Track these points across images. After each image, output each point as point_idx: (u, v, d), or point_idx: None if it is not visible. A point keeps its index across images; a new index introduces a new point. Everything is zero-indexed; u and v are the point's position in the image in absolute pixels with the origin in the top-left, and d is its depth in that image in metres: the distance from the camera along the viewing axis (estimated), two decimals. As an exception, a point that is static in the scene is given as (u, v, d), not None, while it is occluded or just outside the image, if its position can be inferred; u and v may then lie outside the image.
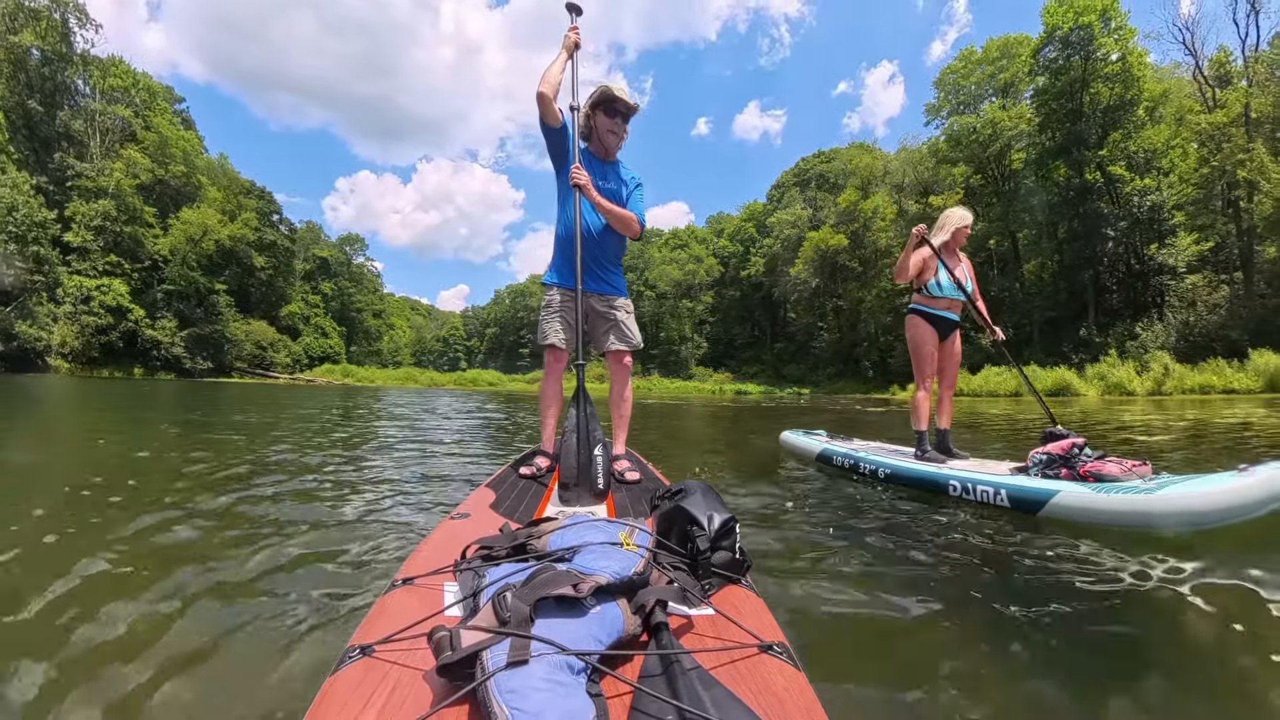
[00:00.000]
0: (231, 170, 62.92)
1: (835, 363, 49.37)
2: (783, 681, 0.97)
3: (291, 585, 2.10)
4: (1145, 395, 19.64)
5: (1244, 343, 20.11)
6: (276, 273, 63.61)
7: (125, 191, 47.08)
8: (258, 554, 2.42)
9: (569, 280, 2.96)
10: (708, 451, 6.82)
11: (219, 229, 53.44)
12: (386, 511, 3.25)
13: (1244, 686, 1.57)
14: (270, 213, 66.19)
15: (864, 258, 46.09)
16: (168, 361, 48.24)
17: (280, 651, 1.62)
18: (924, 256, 4.35)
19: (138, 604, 1.91)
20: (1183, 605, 2.01)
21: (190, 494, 3.58)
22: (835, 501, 3.71)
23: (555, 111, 2.91)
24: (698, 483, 1.58)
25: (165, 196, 52.21)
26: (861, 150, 58.77)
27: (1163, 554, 2.46)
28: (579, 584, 1.02)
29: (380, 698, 0.87)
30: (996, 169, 37.65)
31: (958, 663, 1.64)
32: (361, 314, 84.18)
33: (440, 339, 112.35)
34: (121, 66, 52.38)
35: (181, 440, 6.40)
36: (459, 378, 65.93)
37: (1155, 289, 27.46)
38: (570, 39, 3.03)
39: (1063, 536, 2.75)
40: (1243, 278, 24.88)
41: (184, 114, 60.99)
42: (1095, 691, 1.50)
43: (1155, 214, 27.72)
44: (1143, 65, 28.94)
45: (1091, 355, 25.20)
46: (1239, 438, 6.89)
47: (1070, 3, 29.26)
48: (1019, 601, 2.06)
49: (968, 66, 40.30)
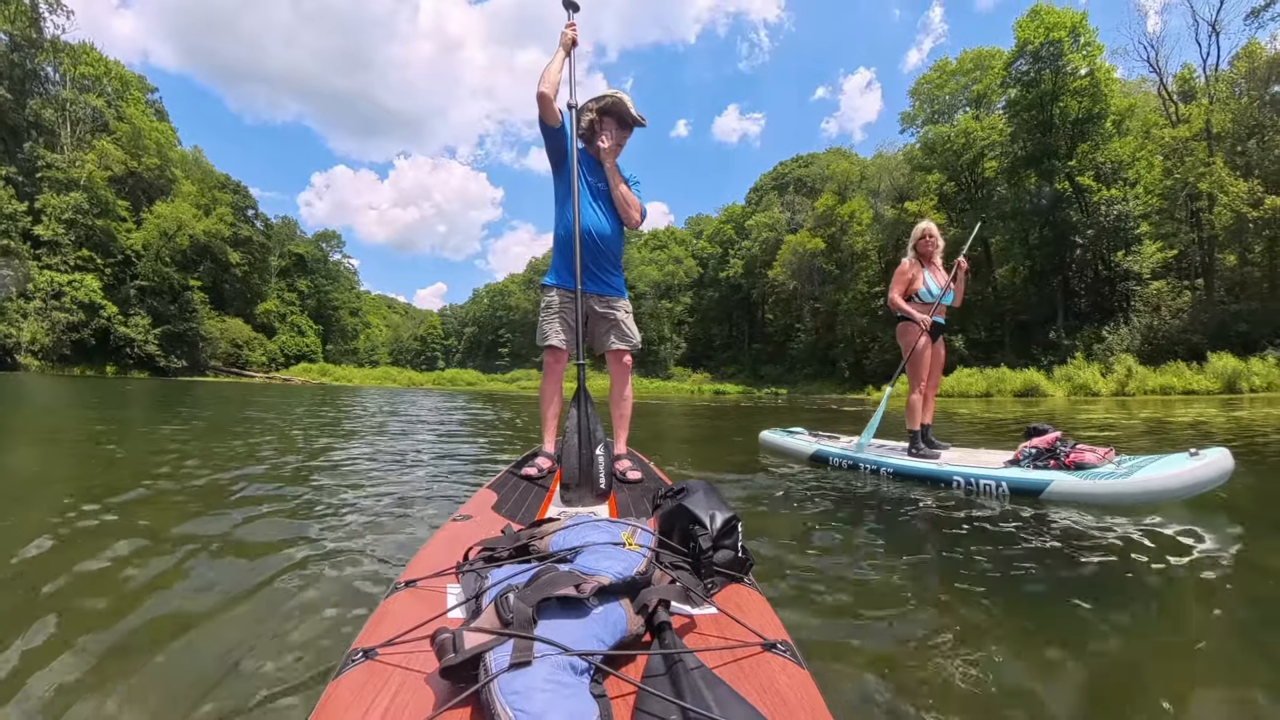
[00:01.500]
0: (206, 163, 61.68)
1: (812, 363, 50.05)
2: (787, 680, 0.98)
3: (293, 588, 2.10)
4: (1109, 395, 20.44)
5: (1204, 346, 21.00)
6: (252, 269, 62.55)
7: (97, 184, 45.91)
8: (259, 558, 2.41)
9: (569, 281, 2.93)
10: (699, 449, 6.91)
11: (193, 224, 52.25)
12: (388, 514, 3.23)
13: (1201, 611, 2.00)
14: (245, 208, 65.03)
15: (841, 261, 46.80)
16: (141, 360, 47.16)
17: (283, 655, 1.62)
18: (908, 265, 4.72)
19: (138, 607, 1.90)
20: (1171, 569, 2.37)
21: (188, 497, 3.53)
22: (830, 496, 3.79)
23: (555, 111, 2.89)
24: (700, 482, 1.58)
25: (138, 189, 51.05)
26: (839, 155, 59.76)
27: (1143, 525, 2.92)
28: (581, 585, 1.03)
29: (384, 701, 0.88)
30: (970, 177, 38.57)
31: (964, 657, 1.65)
32: (338, 312, 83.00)
33: (417, 338, 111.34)
34: (93, 54, 51.00)
35: (173, 440, 6.34)
36: (437, 377, 65.71)
37: (1121, 294, 28.41)
38: (567, 36, 2.99)
39: (1051, 521, 3.08)
40: (1204, 284, 25.93)
41: (157, 104, 59.53)
42: (1113, 691, 1.53)
43: (1122, 223, 28.69)
44: (1110, 80, 29.97)
45: (1060, 357, 26.06)
46: (1186, 434, 7.44)
47: (1041, 19, 30.18)
48: (1024, 594, 2.16)
49: (942, 77, 41.23)
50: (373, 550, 2.54)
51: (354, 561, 2.40)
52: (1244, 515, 3.19)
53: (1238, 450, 3.96)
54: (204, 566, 2.32)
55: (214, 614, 1.88)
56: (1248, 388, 17.74)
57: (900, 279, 4.72)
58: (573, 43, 3.00)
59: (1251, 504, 3.51)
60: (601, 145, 2.91)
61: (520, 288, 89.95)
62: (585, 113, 2.98)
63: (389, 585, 1.46)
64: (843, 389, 40.02)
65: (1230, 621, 1.92)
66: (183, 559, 2.38)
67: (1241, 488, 3.69)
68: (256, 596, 2.03)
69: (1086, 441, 3.97)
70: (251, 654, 1.63)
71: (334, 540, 2.70)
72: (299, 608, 1.93)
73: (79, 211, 44.36)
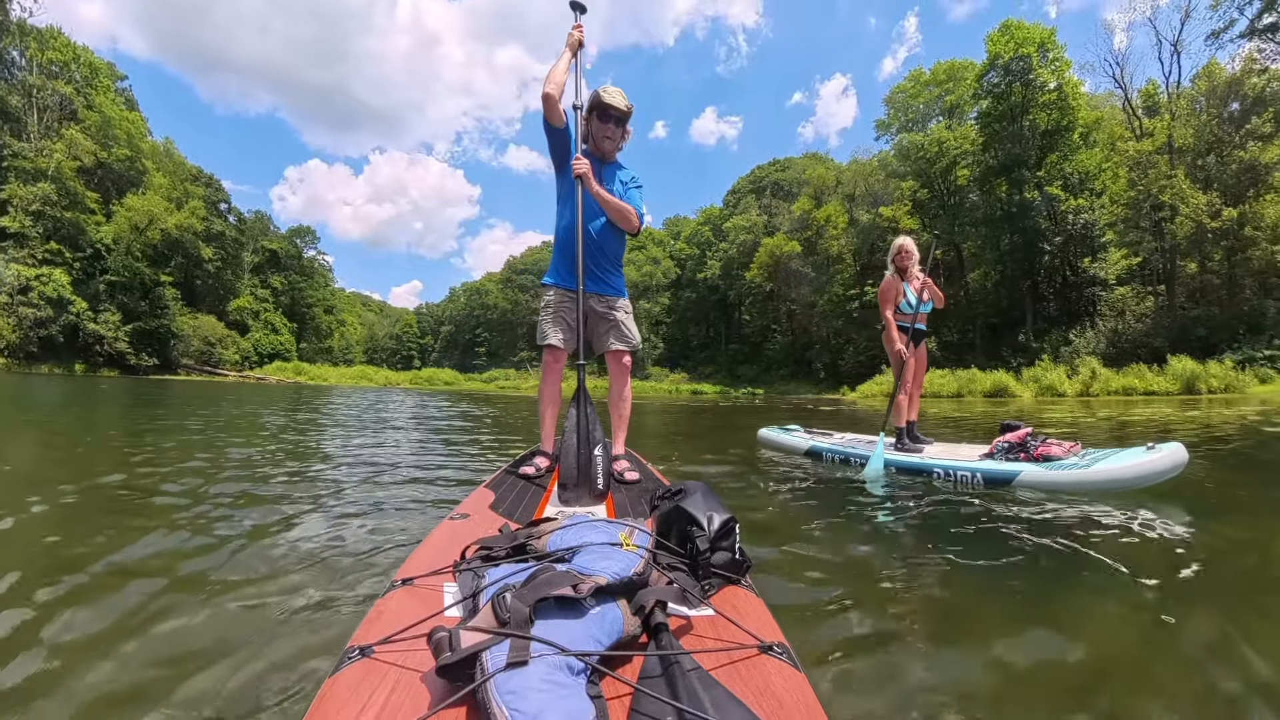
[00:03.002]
0: (178, 155, 60.47)
1: (788, 364, 50.73)
2: (783, 682, 0.98)
3: (289, 586, 2.11)
4: (1074, 396, 21.20)
5: (1165, 349, 21.89)
6: (225, 265, 61.36)
7: (66, 174, 44.41)
8: (254, 555, 2.44)
9: (568, 281, 2.94)
10: (688, 448, 7.04)
11: (165, 217, 50.95)
12: (384, 512, 3.24)
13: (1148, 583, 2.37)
14: (218, 201, 63.89)
15: (817, 264, 47.52)
16: (111, 357, 45.62)
17: (279, 652, 1.63)
18: (890, 280, 5.14)
19: (135, 605, 1.92)
20: (1141, 544, 2.71)
21: (182, 495, 3.55)
22: (825, 496, 3.88)
23: (560, 112, 2.90)
24: (698, 483, 1.58)
25: (108, 181, 49.64)
26: (815, 160, 60.89)
27: (1128, 514, 3.26)
28: (578, 585, 1.03)
29: (379, 699, 0.88)
30: (943, 184, 39.48)
31: (963, 660, 1.66)
32: (312, 309, 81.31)
33: (393, 336, 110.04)
34: (61, 39, 49.35)
35: (167, 439, 6.33)
36: (414, 376, 65.25)
37: (1088, 299, 29.44)
38: (574, 37, 2.98)
39: (1030, 508, 3.37)
40: (1166, 290, 26.99)
41: (126, 93, 57.64)
42: (1108, 685, 1.55)
43: (1088, 231, 29.75)
44: (1078, 95, 31.06)
45: (1029, 359, 26.89)
46: (1139, 431, 7.96)
47: (1012, 34, 31.15)
48: (1024, 594, 2.20)
49: (916, 87, 42.21)
50: (369, 548, 2.56)
51: (350, 558, 2.41)
52: (1197, 502, 3.58)
53: (1192, 445, 4.41)
54: (199, 563, 2.34)
55: (210, 611, 1.90)
56: (1205, 389, 18.55)
57: (889, 295, 5.12)
58: (579, 44, 3.00)
59: (1200, 492, 3.89)
60: (604, 142, 2.98)
61: (498, 287, 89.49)
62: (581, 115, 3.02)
63: (385, 583, 1.46)
64: (818, 389, 40.66)
65: (1189, 593, 2.21)
66: (175, 557, 2.40)
67: (1193, 479, 4.06)
68: (252, 593, 2.05)
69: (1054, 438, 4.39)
70: (248, 651, 1.64)
71: (330, 537, 2.72)
72: (295, 604, 1.94)
73: (47, 203, 42.83)
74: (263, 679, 1.50)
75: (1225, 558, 2.65)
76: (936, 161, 38.65)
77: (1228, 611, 2.00)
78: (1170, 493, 3.61)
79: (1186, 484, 3.82)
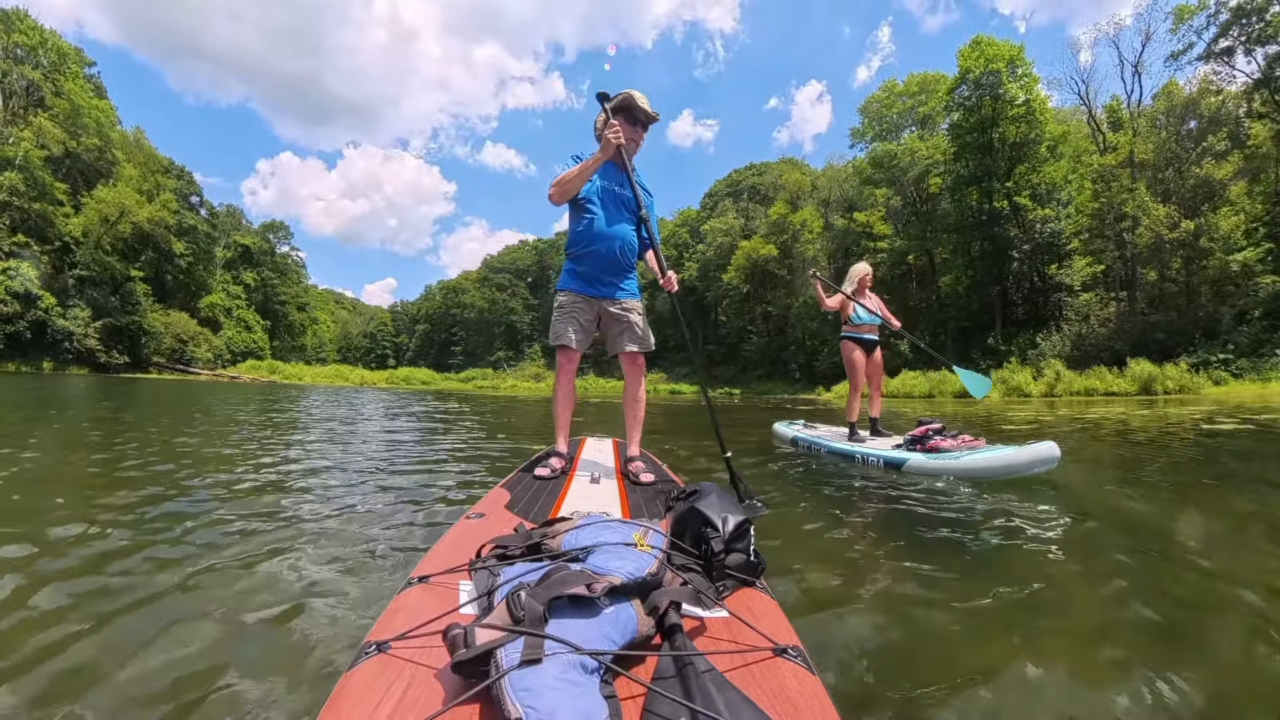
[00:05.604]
0: (148, 146, 59.25)
1: (764, 365, 51.46)
2: (797, 685, 0.98)
3: (309, 582, 2.15)
4: (1039, 396, 22.04)
5: (1125, 352, 22.88)
6: (196, 260, 60.36)
7: (34, 164, 43.11)
8: (272, 553, 2.46)
9: (584, 289, 2.98)
10: (683, 447, 7.02)
11: (136, 210, 49.74)
12: (401, 511, 3.26)
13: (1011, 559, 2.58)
14: (190, 194, 62.86)
15: (793, 267, 48.36)
16: (80, 355, 44.41)
17: (298, 647, 1.66)
18: (842, 300, 5.88)
19: (151, 603, 1.94)
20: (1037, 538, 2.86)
21: (205, 492, 3.62)
22: (835, 497, 3.90)
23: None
24: (712, 485, 1.58)
25: (76, 171, 48.47)
26: (791, 165, 62.04)
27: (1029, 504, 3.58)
28: (593, 584, 1.03)
29: (395, 694, 0.89)
30: (915, 192, 40.43)
31: (979, 665, 1.63)
32: (286, 306, 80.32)
33: (367, 335, 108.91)
34: (28, 21, 48.13)
35: (166, 437, 6.35)
36: (391, 375, 64.76)
37: (1054, 304, 30.43)
38: (612, 144, 2.70)
39: (1046, 523, 3.71)
40: (1128, 297, 28.19)
41: (95, 80, 56.10)
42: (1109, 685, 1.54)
43: (1055, 239, 30.92)
44: (1045, 110, 32.15)
45: (998, 362, 27.86)
46: (1073, 428, 8.53)
47: (982, 49, 32.10)
48: (1045, 601, 2.12)
49: (890, 97, 43.23)
50: (385, 545, 2.60)
51: (367, 556, 2.46)
52: (1071, 491, 3.99)
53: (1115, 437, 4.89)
54: (219, 559, 2.38)
55: (229, 605, 1.93)
56: (1161, 390, 19.45)
57: (844, 310, 5.93)
58: (617, 147, 2.74)
59: (1082, 482, 4.35)
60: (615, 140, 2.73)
61: (475, 285, 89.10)
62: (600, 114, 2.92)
63: (402, 580, 1.47)
64: (794, 389, 41.56)
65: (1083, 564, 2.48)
66: (195, 552, 2.46)
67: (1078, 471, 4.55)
68: (270, 589, 2.09)
69: (1003, 433, 4.95)
70: (266, 645, 1.68)
71: (346, 535, 2.76)
72: (313, 601, 1.98)
73: (14, 193, 41.59)
74: (281, 672, 1.54)
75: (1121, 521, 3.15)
76: (909, 170, 39.62)
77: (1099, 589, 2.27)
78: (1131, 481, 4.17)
79: (1064, 474, 4.32)
